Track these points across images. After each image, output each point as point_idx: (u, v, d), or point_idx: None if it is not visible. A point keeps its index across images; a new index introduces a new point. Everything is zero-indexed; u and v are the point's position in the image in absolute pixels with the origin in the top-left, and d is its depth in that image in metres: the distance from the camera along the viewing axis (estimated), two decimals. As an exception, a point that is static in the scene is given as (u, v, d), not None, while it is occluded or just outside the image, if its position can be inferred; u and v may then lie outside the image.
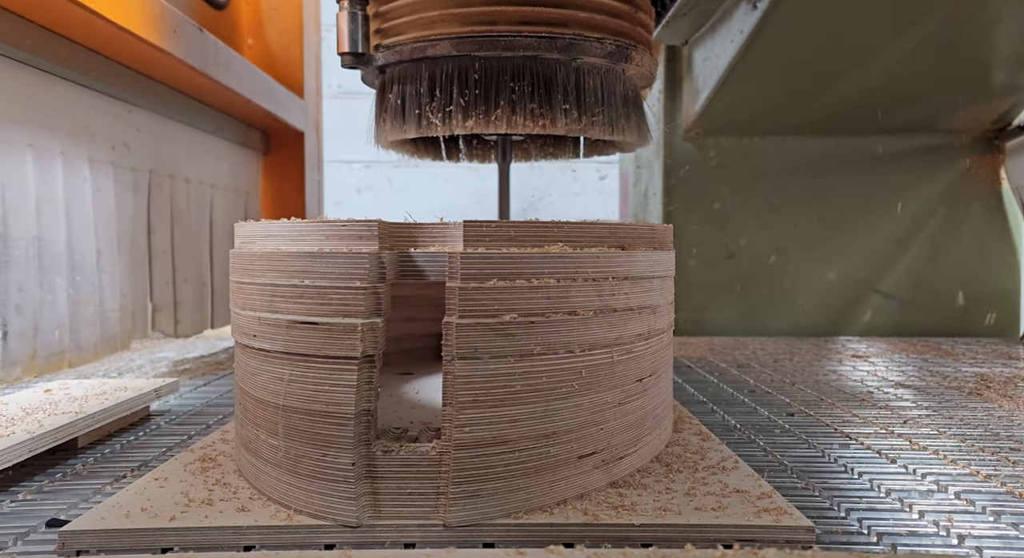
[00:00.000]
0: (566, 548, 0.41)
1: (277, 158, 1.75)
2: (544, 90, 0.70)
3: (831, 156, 1.57)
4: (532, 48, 0.68)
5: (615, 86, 0.75)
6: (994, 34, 1.20)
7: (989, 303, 1.57)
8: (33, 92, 0.95)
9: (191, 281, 1.36)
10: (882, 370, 1.09)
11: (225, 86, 1.29)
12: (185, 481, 0.52)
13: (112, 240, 1.11)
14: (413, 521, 0.45)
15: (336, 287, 0.46)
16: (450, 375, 0.45)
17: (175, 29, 1.09)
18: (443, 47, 0.69)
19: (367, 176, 3.00)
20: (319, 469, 0.46)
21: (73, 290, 1.01)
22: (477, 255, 0.45)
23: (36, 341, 0.94)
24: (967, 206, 1.56)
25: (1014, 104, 1.45)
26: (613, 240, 0.52)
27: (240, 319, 0.52)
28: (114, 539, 0.44)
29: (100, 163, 1.09)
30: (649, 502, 0.48)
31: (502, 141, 0.86)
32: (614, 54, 0.72)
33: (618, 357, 0.51)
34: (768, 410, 0.83)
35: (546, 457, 0.47)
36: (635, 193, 1.83)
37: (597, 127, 0.73)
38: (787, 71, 1.33)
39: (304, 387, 0.46)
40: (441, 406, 0.46)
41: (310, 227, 0.49)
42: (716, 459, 0.57)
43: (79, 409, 0.68)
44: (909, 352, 1.28)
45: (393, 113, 0.74)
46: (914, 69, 1.30)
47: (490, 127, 0.69)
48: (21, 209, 0.92)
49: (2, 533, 0.48)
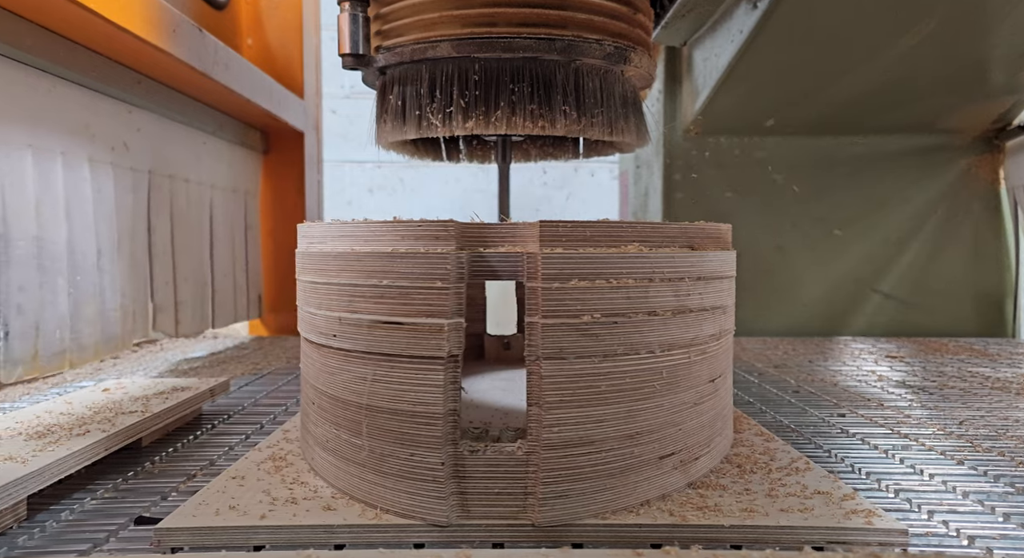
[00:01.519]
0: (653, 549, 0.41)
1: (277, 158, 1.75)
2: (543, 91, 0.70)
3: (831, 156, 1.57)
4: (531, 49, 0.68)
5: (614, 87, 0.75)
6: (994, 33, 1.20)
7: (988, 303, 1.57)
8: (33, 92, 0.95)
9: (191, 281, 1.36)
10: (919, 370, 1.09)
11: (225, 86, 1.29)
12: (263, 480, 0.53)
13: (112, 240, 1.11)
14: (501, 521, 0.45)
15: (419, 287, 0.46)
16: (535, 375, 0.45)
17: (174, 29, 1.09)
18: (443, 49, 0.68)
19: (379, 176, 3.01)
20: (407, 468, 0.46)
21: (74, 290, 1.01)
22: (558, 255, 0.45)
23: (37, 341, 0.94)
24: (967, 206, 1.56)
25: (1014, 104, 1.45)
26: (683, 240, 0.52)
27: (315, 319, 0.53)
28: (208, 536, 0.45)
29: (100, 163, 1.09)
30: (732, 503, 0.48)
31: (502, 142, 0.86)
32: (613, 55, 0.72)
33: (694, 357, 0.51)
34: (817, 410, 0.83)
35: (630, 457, 0.47)
36: (635, 192, 1.83)
37: (596, 128, 0.73)
38: (787, 71, 1.33)
39: (389, 387, 0.47)
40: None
41: (384, 227, 0.49)
42: (786, 460, 0.57)
43: (143, 408, 0.69)
44: (943, 352, 1.27)
45: (393, 114, 0.74)
46: (914, 68, 1.30)
47: (490, 128, 0.69)
48: (21, 209, 0.92)
49: (93, 530, 0.49)
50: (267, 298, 1.74)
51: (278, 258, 1.75)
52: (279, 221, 1.75)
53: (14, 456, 0.54)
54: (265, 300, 1.74)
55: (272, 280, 1.75)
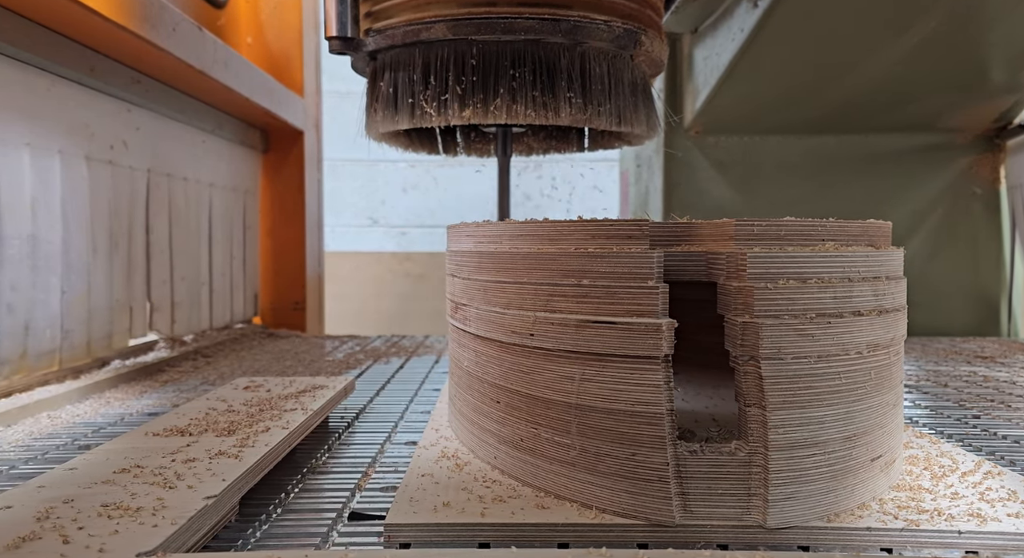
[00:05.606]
0: (884, 553, 0.40)
1: (276, 157, 1.75)
2: (547, 77, 0.66)
3: (831, 155, 1.56)
4: (534, 31, 0.64)
5: (623, 73, 0.71)
6: (995, 32, 1.20)
7: (987, 303, 1.56)
8: (31, 90, 0.95)
9: (188, 280, 1.35)
10: (1020, 371, 1.07)
11: (224, 85, 1.29)
12: (453, 478, 0.53)
13: (109, 239, 1.11)
14: (726, 522, 0.45)
15: (627, 287, 0.46)
16: (751, 375, 0.44)
17: (174, 27, 1.09)
18: (438, 30, 0.64)
19: (412, 175, 3.01)
20: (628, 468, 0.46)
21: (68, 289, 1.01)
22: (765, 255, 0.45)
23: (26, 340, 0.93)
24: (967, 205, 1.55)
25: (1015, 103, 1.45)
26: (865, 239, 0.51)
27: (504, 318, 0.52)
28: (434, 533, 0.45)
29: (98, 162, 1.09)
30: (950, 507, 0.47)
31: (502, 133, 0.82)
32: (622, 38, 0.67)
33: (892, 358, 0.51)
34: (948, 410, 0.81)
35: (848, 460, 0.47)
36: (635, 191, 1.83)
37: (603, 117, 0.69)
38: (787, 70, 1.32)
39: (601, 386, 0.46)
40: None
41: (572, 227, 0.49)
42: (968, 463, 0.56)
43: (301, 406, 0.69)
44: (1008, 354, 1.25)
45: (385, 102, 0.70)
46: (914, 68, 1.29)
47: (489, 117, 0.66)
48: (17, 208, 0.91)
49: (315, 524, 0.51)
50: (263, 297, 1.74)
51: (278, 257, 1.75)
52: (278, 220, 1.75)
53: (224, 452, 0.55)
54: (261, 299, 1.73)
55: (269, 279, 1.75)
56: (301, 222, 1.75)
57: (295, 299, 1.74)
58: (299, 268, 1.75)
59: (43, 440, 0.72)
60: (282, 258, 1.75)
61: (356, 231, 3.02)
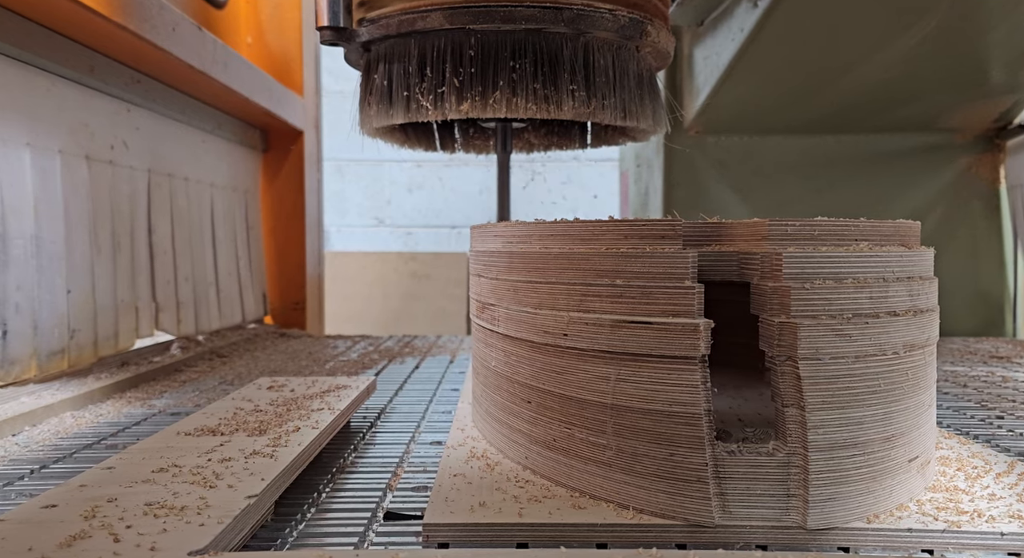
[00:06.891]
0: (926, 554, 0.40)
1: (276, 157, 1.75)
2: (548, 69, 0.62)
3: (831, 155, 1.57)
4: (535, 20, 0.61)
5: (628, 65, 0.67)
6: (995, 32, 1.20)
7: (988, 303, 1.56)
8: (31, 91, 0.95)
9: (193, 280, 1.35)
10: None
11: (224, 85, 1.29)
12: (486, 478, 0.53)
13: (111, 239, 1.11)
14: (765, 522, 0.45)
15: (662, 287, 0.46)
16: (788, 376, 0.44)
17: (174, 27, 1.09)
18: (434, 20, 0.61)
19: (419, 175, 3.01)
20: (666, 469, 0.46)
21: (72, 289, 1.01)
22: (801, 255, 0.45)
23: (35, 340, 0.93)
24: (967, 205, 1.56)
25: (1015, 103, 1.45)
26: (897, 239, 0.51)
27: (537, 318, 0.52)
28: (473, 533, 0.45)
29: (99, 162, 1.09)
30: (989, 507, 0.47)
31: (501, 128, 0.79)
32: (627, 28, 0.64)
33: (927, 359, 0.51)
34: (970, 411, 0.81)
35: (887, 461, 0.47)
36: (635, 191, 1.83)
37: (608, 111, 0.66)
38: (787, 69, 1.33)
39: (638, 386, 0.46)
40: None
41: (604, 226, 0.49)
42: (1001, 464, 0.56)
43: (327, 406, 0.69)
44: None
45: (379, 96, 0.66)
46: (914, 67, 1.30)
47: (488, 111, 0.63)
48: (20, 208, 0.91)
49: (351, 523, 0.51)
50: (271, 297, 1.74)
51: (279, 257, 1.75)
52: (279, 220, 1.75)
53: (258, 451, 0.55)
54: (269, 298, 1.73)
55: (270, 279, 1.75)
56: (301, 222, 1.75)
57: (295, 299, 1.74)
58: (299, 268, 1.75)
59: (70, 439, 0.72)
60: (282, 258, 1.74)
61: (362, 231, 3.03)
